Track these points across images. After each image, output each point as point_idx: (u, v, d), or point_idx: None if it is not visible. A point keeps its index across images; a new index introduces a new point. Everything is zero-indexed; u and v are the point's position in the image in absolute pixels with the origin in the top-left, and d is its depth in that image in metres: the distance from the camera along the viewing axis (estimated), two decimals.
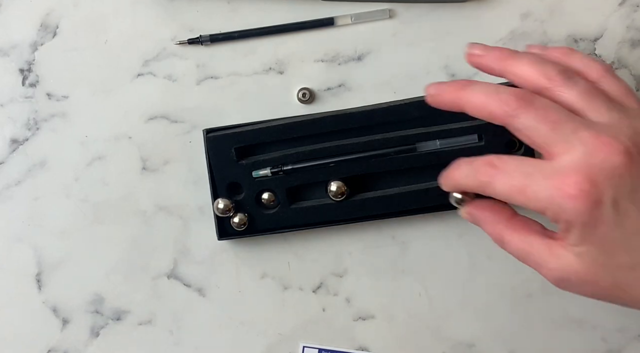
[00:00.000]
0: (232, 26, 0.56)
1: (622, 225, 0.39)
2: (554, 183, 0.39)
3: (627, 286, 0.40)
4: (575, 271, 0.41)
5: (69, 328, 0.57)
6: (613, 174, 0.39)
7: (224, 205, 0.54)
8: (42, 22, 0.57)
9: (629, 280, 0.40)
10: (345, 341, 0.57)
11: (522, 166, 0.41)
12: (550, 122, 0.40)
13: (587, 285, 0.41)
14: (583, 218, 0.39)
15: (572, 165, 0.39)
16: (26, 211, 0.57)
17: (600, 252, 0.40)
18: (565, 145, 0.40)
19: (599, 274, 0.40)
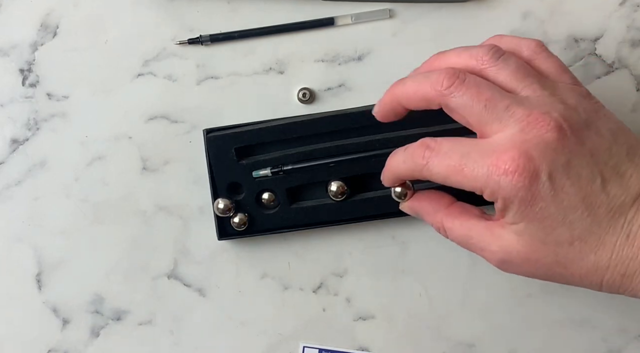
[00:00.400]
0: (232, 26, 0.56)
1: (558, 200, 0.39)
2: (490, 160, 0.40)
3: (568, 262, 0.41)
4: (516, 250, 0.41)
5: (69, 328, 0.57)
6: (547, 149, 0.39)
7: (224, 205, 0.54)
8: (42, 22, 0.57)
9: (569, 255, 0.40)
10: (345, 341, 0.57)
11: (458, 146, 0.42)
12: (483, 100, 0.41)
13: (529, 265, 0.42)
14: (520, 193, 0.39)
15: (507, 142, 0.40)
16: (26, 211, 0.57)
17: (539, 228, 0.40)
18: (499, 123, 0.40)
19: (540, 251, 0.41)
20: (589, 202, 0.40)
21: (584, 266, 0.41)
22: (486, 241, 0.43)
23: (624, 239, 0.40)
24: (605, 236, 0.40)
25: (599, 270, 0.40)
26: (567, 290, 0.57)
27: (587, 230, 0.40)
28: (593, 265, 0.40)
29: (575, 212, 0.40)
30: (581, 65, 0.56)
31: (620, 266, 0.40)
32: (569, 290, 0.56)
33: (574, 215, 0.40)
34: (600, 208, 0.40)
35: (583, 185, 0.40)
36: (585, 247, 0.40)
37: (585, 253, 0.40)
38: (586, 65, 0.56)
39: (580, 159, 0.40)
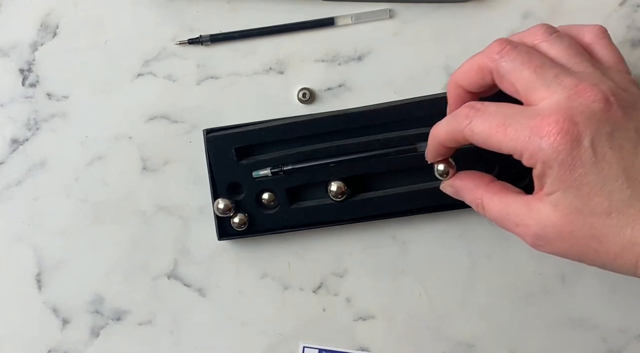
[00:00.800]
0: (232, 26, 0.56)
1: (599, 168, 0.39)
2: (534, 122, 0.40)
3: (604, 235, 0.40)
4: (552, 223, 0.41)
5: (69, 328, 0.57)
6: (592, 117, 0.39)
7: (224, 205, 0.54)
8: (42, 22, 0.57)
9: (605, 228, 0.40)
10: (345, 341, 0.57)
11: (504, 108, 0.42)
12: (533, 66, 0.41)
13: (563, 239, 0.41)
14: (561, 156, 0.39)
15: (553, 107, 0.40)
16: (26, 211, 0.57)
17: (577, 196, 0.40)
18: (546, 90, 0.40)
19: (575, 222, 0.40)
20: (629, 174, 0.39)
21: (620, 241, 0.39)
22: (522, 215, 0.42)
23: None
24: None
25: (636, 247, 0.39)
26: (567, 290, 0.57)
27: (626, 203, 0.39)
28: (629, 240, 0.39)
29: (615, 182, 0.39)
30: None
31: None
32: (569, 290, 0.57)
33: (614, 185, 0.39)
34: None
35: (625, 156, 0.39)
36: (623, 219, 0.39)
37: (622, 227, 0.39)
38: None
39: (624, 132, 0.39)
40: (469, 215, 0.56)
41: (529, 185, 0.54)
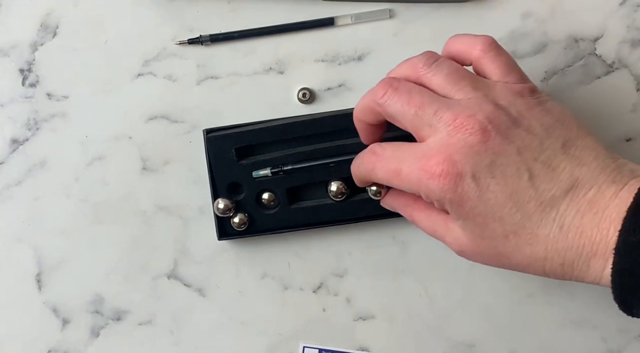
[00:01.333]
0: (232, 26, 0.56)
1: (485, 198, 0.41)
2: (421, 165, 0.42)
3: (508, 253, 0.42)
4: (465, 243, 0.44)
5: (69, 328, 0.57)
6: (470, 152, 0.41)
7: (224, 205, 0.54)
8: (42, 22, 0.57)
9: (507, 248, 0.42)
10: (345, 341, 0.57)
11: (398, 151, 0.44)
12: (414, 107, 0.43)
13: (479, 256, 0.44)
14: (448, 195, 0.41)
15: (435, 146, 0.42)
16: (26, 211, 0.57)
17: (474, 224, 0.42)
18: (429, 128, 0.42)
19: (481, 245, 0.43)
20: (516, 199, 0.41)
21: (523, 258, 0.42)
22: (444, 233, 0.45)
23: (557, 231, 0.41)
24: (537, 229, 0.41)
25: (538, 261, 0.42)
26: (567, 290, 0.57)
27: (519, 225, 0.41)
28: (531, 256, 0.41)
29: (504, 209, 0.41)
30: (581, 65, 0.56)
31: (557, 257, 0.41)
32: (569, 290, 0.57)
33: (503, 212, 0.41)
34: (529, 203, 0.41)
35: (509, 182, 0.41)
36: (520, 240, 0.41)
37: (521, 246, 0.41)
38: (586, 65, 0.56)
39: (505, 157, 0.41)
40: None
41: None
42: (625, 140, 0.57)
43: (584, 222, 0.40)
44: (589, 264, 0.41)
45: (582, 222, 0.40)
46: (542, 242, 0.41)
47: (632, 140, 0.57)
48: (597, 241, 0.40)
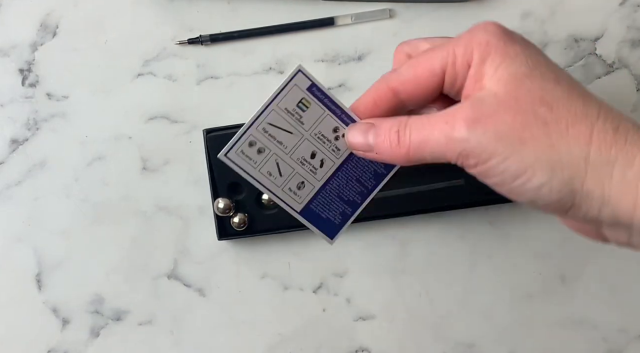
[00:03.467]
0: (232, 26, 0.56)
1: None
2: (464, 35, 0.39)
3: (555, 100, 0.36)
4: (494, 94, 0.37)
5: (69, 328, 0.57)
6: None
7: (224, 205, 0.54)
8: (42, 22, 0.57)
9: (557, 92, 0.36)
10: (345, 341, 0.57)
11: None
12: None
13: (507, 110, 0.36)
14: (499, 31, 0.38)
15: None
16: (26, 211, 0.57)
17: (522, 62, 0.37)
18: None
19: (523, 86, 0.37)
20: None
21: (572, 108, 0.35)
22: (450, 110, 0.38)
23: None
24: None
25: (589, 117, 0.35)
26: (567, 290, 0.57)
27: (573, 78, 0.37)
28: (582, 109, 0.35)
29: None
30: (581, 65, 0.56)
31: (612, 118, 0.35)
32: (569, 290, 0.57)
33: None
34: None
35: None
36: (573, 90, 0.36)
37: (574, 98, 0.36)
38: (586, 65, 0.56)
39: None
40: (469, 215, 0.57)
41: None
42: None
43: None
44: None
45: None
46: (597, 99, 0.36)
47: None
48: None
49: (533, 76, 0.36)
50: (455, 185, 0.54)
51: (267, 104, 0.42)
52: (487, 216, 0.57)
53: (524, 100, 0.36)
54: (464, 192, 0.54)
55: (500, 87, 0.36)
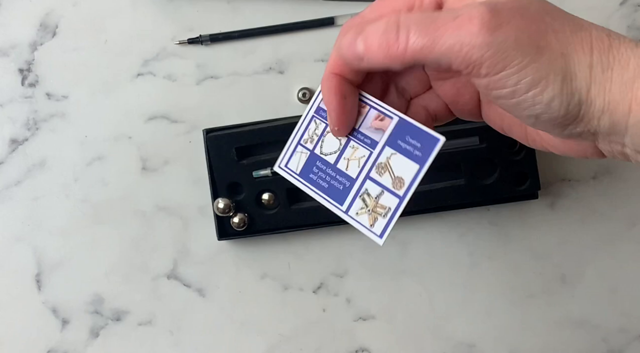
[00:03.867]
0: (232, 26, 0.56)
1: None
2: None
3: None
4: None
5: (69, 328, 0.57)
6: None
7: (224, 205, 0.54)
8: (42, 22, 0.56)
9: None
10: (345, 341, 0.57)
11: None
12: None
13: (521, 13, 0.34)
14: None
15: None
16: (26, 211, 0.57)
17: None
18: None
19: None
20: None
21: (568, 16, 0.35)
22: (463, 11, 0.34)
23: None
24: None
25: (584, 25, 0.34)
26: (567, 290, 0.57)
27: None
28: (574, 18, 0.35)
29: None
30: None
31: (600, 26, 0.34)
32: (569, 290, 0.57)
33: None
34: None
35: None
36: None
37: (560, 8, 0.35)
38: None
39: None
40: (469, 216, 0.56)
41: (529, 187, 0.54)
42: None
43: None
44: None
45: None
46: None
47: None
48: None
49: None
50: (455, 185, 0.54)
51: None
52: (487, 216, 0.57)
53: (533, 7, 0.34)
54: (464, 192, 0.54)
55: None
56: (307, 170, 0.43)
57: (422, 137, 0.40)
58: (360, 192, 0.41)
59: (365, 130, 0.41)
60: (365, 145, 0.41)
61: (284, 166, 0.43)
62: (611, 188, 0.57)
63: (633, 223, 0.57)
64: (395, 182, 0.41)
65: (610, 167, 0.57)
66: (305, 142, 0.43)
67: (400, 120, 0.40)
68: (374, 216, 0.41)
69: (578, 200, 0.57)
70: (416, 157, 0.40)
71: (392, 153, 0.41)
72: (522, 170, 0.54)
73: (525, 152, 0.53)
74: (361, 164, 0.41)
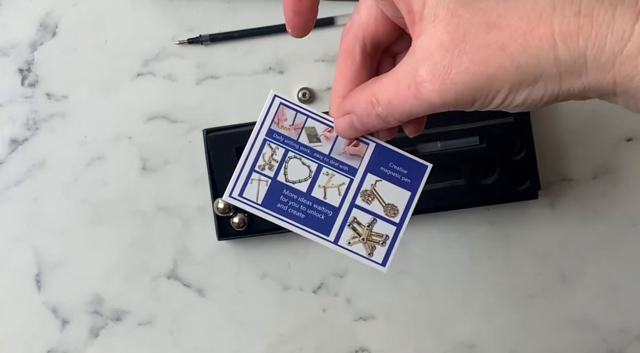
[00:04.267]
0: (232, 26, 0.56)
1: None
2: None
3: (500, 17, 0.32)
4: (439, 42, 0.33)
5: (69, 328, 0.57)
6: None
7: (224, 205, 0.54)
8: (42, 22, 0.56)
9: (498, 7, 0.32)
10: (345, 341, 0.57)
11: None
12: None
13: (456, 51, 0.32)
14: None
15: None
16: (26, 211, 0.57)
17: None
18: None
19: (463, 17, 0.32)
20: None
21: (523, 14, 0.31)
22: (408, 69, 0.34)
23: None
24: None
25: (544, 14, 0.31)
26: (567, 290, 0.57)
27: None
28: (532, 8, 0.31)
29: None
30: None
31: (568, 1, 0.31)
32: (569, 291, 0.57)
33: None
34: None
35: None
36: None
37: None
38: None
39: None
40: (469, 216, 0.56)
41: (529, 187, 0.54)
42: (626, 140, 0.57)
43: None
44: (615, 13, 0.30)
45: None
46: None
47: (633, 140, 0.57)
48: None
49: (468, 4, 0.32)
50: (455, 185, 0.54)
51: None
52: (487, 216, 0.57)
53: (472, 33, 0.32)
54: (464, 192, 0.54)
55: (442, 31, 0.32)
56: (272, 199, 0.40)
57: (407, 164, 0.40)
58: (347, 220, 0.40)
59: (339, 157, 0.40)
60: (343, 172, 0.40)
61: (237, 196, 0.40)
62: (611, 188, 0.57)
63: (633, 224, 0.57)
64: (388, 209, 0.40)
65: (610, 167, 0.57)
66: (262, 168, 0.40)
67: (378, 146, 0.39)
68: (370, 245, 0.40)
69: (578, 200, 0.57)
70: (405, 184, 0.40)
71: (377, 180, 0.40)
72: (522, 170, 0.54)
73: (525, 152, 0.53)
74: (342, 191, 0.40)
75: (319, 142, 0.40)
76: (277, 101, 0.40)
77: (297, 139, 0.40)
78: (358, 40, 0.40)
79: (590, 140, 0.57)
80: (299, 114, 0.40)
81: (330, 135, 0.39)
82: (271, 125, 0.40)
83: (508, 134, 0.53)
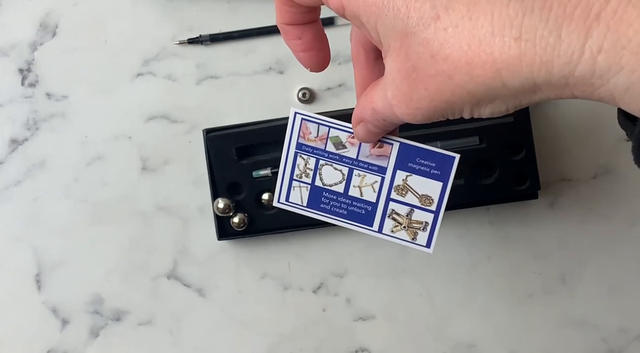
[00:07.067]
0: (232, 26, 0.56)
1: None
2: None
3: (444, 46, 0.31)
4: (397, 71, 0.34)
5: (69, 328, 0.57)
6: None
7: (224, 205, 0.54)
8: (42, 22, 0.56)
9: (438, 36, 0.31)
10: (345, 341, 0.57)
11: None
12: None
13: (414, 79, 0.33)
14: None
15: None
16: (26, 211, 0.57)
17: (400, 28, 0.33)
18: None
19: (411, 59, 0.33)
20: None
21: (464, 42, 0.30)
22: (378, 98, 0.36)
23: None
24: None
25: (484, 41, 0.30)
26: (567, 290, 0.57)
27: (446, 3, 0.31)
28: (471, 35, 0.30)
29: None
30: None
31: (509, 26, 0.29)
32: (569, 291, 0.57)
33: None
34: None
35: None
36: (454, 16, 0.31)
37: (455, 24, 0.31)
38: None
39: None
40: (469, 216, 0.56)
41: (529, 187, 0.54)
42: (626, 140, 0.57)
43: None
44: (561, 34, 0.28)
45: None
46: (486, 12, 0.30)
47: None
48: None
49: (408, 34, 0.32)
50: (455, 185, 0.54)
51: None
52: (487, 216, 0.57)
53: (421, 66, 0.32)
54: (464, 192, 0.54)
55: (397, 61, 0.33)
56: (315, 201, 0.44)
57: (434, 157, 0.42)
58: (386, 213, 0.43)
59: (367, 159, 0.43)
60: (373, 172, 0.43)
61: (285, 201, 0.44)
62: (611, 188, 0.57)
63: (633, 223, 0.57)
64: (423, 199, 0.43)
65: (610, 167, 0.57)
66: (299, 177, 0.44)
67: (402, 145, 0.42)
68: (412, 231, 0.43)
69: (578, 200, 0.57)
70: (436, 176, 0.43)
71: (407, 175, 0.43)
72: (522, 170, 0.54)
73: (525, 152, 0.53)
74: (376, 189, 0.43)
75: (345, 148, 0.43)
76: (299, 117, 0.43)
77: (325, 148, 0.43)
78: (360, 47, 0.41)
79: (590, 140, 0.57)
80: (321, 126, 0.43)
81: (354, 140, 0.43)
82: (298, 139, 0.43)
83: (508, 134, 0.53)
